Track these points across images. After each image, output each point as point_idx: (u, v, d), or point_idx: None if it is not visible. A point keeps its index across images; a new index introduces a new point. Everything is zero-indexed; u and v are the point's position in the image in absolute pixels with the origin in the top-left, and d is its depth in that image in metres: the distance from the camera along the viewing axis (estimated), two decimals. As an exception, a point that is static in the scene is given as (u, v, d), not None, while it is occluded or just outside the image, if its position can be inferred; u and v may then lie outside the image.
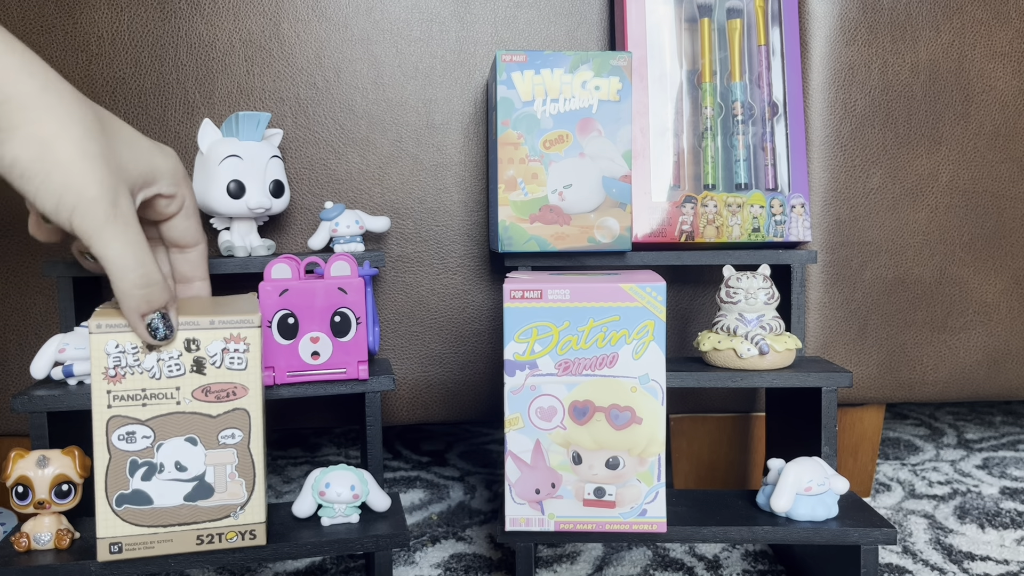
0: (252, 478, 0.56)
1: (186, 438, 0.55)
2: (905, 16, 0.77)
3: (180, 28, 0.74)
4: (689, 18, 0.74)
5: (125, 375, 0.53)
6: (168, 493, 0.55)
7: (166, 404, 0.54)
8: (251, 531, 0.57)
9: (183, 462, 0.55)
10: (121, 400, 0.54)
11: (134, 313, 0.51)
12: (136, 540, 0.54)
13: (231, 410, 0.55)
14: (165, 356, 0.54)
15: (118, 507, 0.54)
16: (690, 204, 0.72)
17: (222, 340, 0.55)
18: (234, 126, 0.68)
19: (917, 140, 0.79)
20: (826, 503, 0.63)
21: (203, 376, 0.54)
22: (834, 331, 0.80)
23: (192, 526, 0.55)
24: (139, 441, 0.54)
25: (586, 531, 0.60)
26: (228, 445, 0.55)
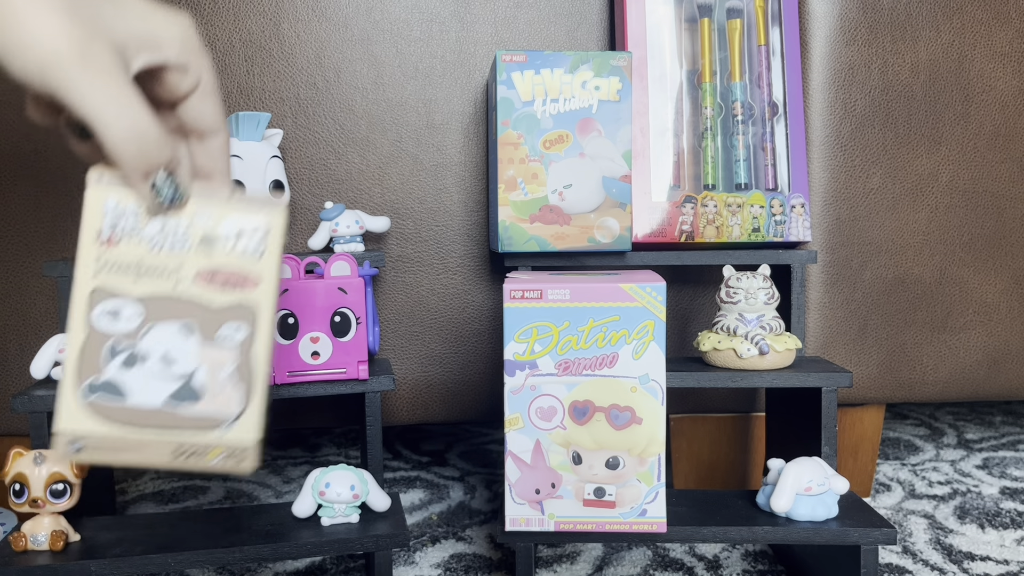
0: (250, 388, 0.46)
1: (181, 325, 0.45)
2: (905, 16, 0.77)
3: (180, 28, 0.74)
4: (689, 18, 0.74)
5: (121, 241, 0.45)
6: (148, 389, 0.45)
7: (163, 283, 0.45)
8: (239, 452, 0.46)
9: (172, 354, 0.45)
10: (111, 270, 0.45)
11: (133, 172, 0.44)
12: (101, 441, 0.44)
13: (238, 302, 0.46)
14: (170, 225, 0.45)
15: (86, 397, 0.44)
16: (690, 204, 0.72)
17: (238, 220, 0.46)
18: (234, 126, 0.68)
19: (917, 140, 0.79)
20: (826, 503, 0.63)
21: (211, 257, 0.46)
22: (834, 331, 0.80)
23: (171, 432, 0.45)
24: (123, 321, 0.45)
25: (586, 531, 0.60)
26: (228, 343, 0.46)
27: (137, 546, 0.58)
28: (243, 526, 0.62)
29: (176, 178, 0.45)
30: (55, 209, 0.74)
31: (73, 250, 0.75)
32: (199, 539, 0.60)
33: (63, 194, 0.74)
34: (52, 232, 0.75)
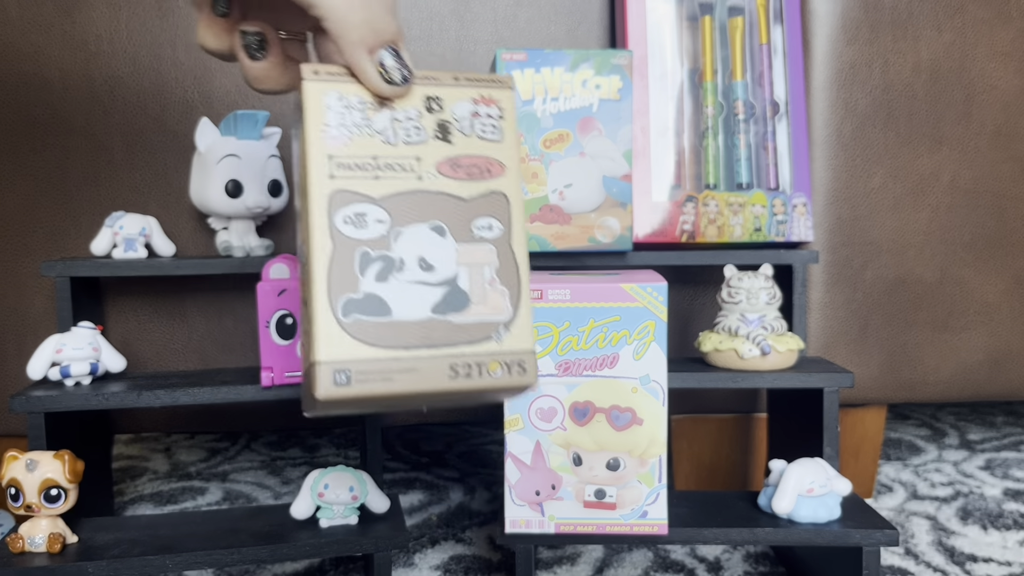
0: (517, 287, 0.41)
1: (432, 226, 0.40)
2: (907, 15, 0.77)
3: (178, 27, 0.73)
4: (690, 16, 0.73)
5: (352, 137, 0.40)
6: (411, 300, 0.39)
7: (405, 179, 0.40)
8: (519, 362, 0.40)
9: (429, 259, 0.40)
10: (347, 170, 0.39)
11: (358, 48, 0.38)
12: (371, 367, 0.38)
13: (487, 193, 0.41)
14: (401, 115, 0.40)
15: (345, 317, 0.38)
16: (691, 203, 0.71)
17: (470, 101, 0.41)
18: (232, 125, 0.68)
19: (919, 139, 0.78)
20: (828, 504, 0.63)
21: (450, 145, 0.41)
22: (836, 331, 0.80)
23: (444, 349, 0.39)
24: (371, 226, 0.39)
25: (586, 533, 0.60)
26: (485, 239, 0.41)
27: (135, 547, 0.58)
28: (241, 527, 0.62)
29: (402, 56, 0.39)
30: (53, 208, 0.74)
31: (71, 250, 0.75)
32: (197, 540, 0.59)
33: (61, 193, 0.74)
34: (50, 232, 0.74)
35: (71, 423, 0.68)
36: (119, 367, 0.67)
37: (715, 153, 0.72)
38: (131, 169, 0.74)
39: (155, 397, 0.64)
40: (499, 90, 0.42)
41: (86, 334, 0.65)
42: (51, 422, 0.64)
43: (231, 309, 0.77)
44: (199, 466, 1.01)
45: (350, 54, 0.39)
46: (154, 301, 0.76)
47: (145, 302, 0.76)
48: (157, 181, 0.75)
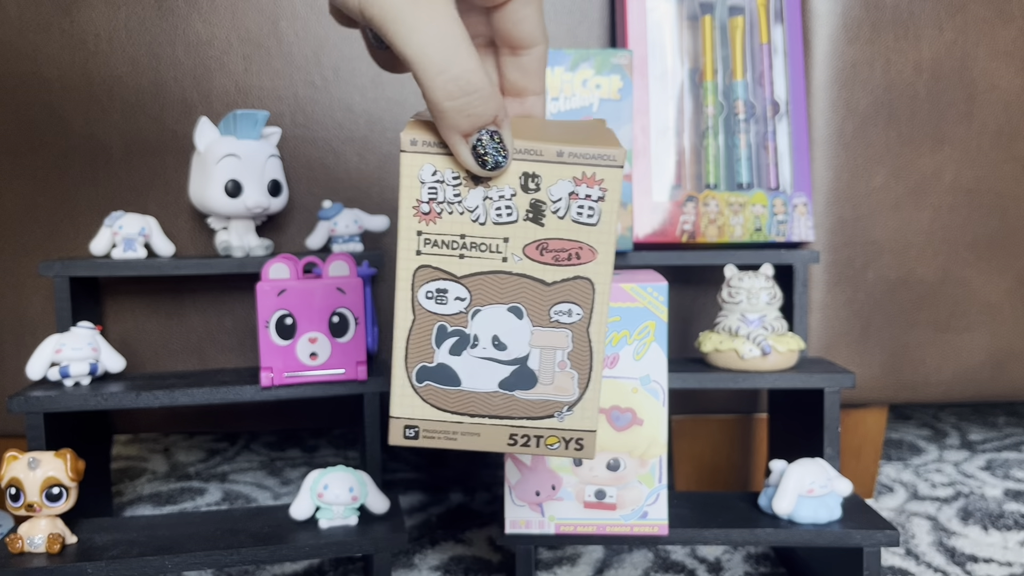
0: (587, 372, 0.42)
1: (509, 307, 0.41)
2: (908, 14, 0.77)
3: (177, 26, 0.73)
4: (690, 16, 0.73)
5: (442, 214, 0.40)
6: (480, 374, 0.42)
7: (490, 260, 0.40)
8: (578, 439, 0.43)
9: (503, 338, 0.42)
10: (434, 246, 0.40)
11: (452, 131, 0.38)
12: (437, 426, 0.42)
13: (572, 278, 0.41)
14: (494, 194, 0.40)
15: (419, 383, 0.42)
16: (692, 203, 0.71)
17: (570, 180, 0.40)
18: (232, 125, 0.68)
19: (920, 139, 0.78)
20: (828, 505, 0.62)
21: (540, 227, 0.40)
22: (837, 332, 0.79)
23: (505, 421, 0.42)
24: (451, 303, 0.41)
25: (587, 534, 0.60)
26: (562, 324, 0.41)
27: (134, 548, 0.58)
28: (240, 528, 0.62)
29: (501, 137, 0.38)
30: (51, 208, 0.74)
31: (70, 250, 0.74)
32: (196, 541, 0.59)
33: (60, 193, 0.74)
34: (48, 231, 0.74)
35: (70, 423, 0.68)
36: (118, 367, 0.67)
37: (715, 153, 0.72)
38: (130, 169, 0.74)
39: (154, 397, 0.64)
40: (606, 169, 0.39)
41: (85, 334, 0.65)
42: (50, 422, 0.63)
43: (230, 309, 0.77)
44: (198, 467, 1.01)
45: (445, 135, 0.38)
46: (153, 301, 0.76)
47: (144, 302, 0.76)
48: (156, 181, 0.75)
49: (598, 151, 0.39)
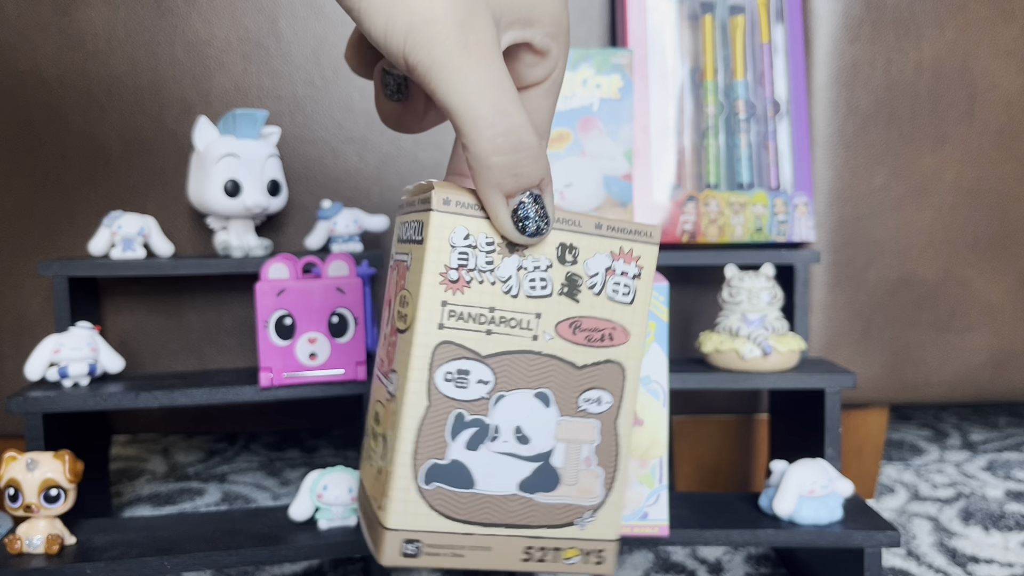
0: (613, 470, 0.37)
1: (536, 393, 0.36)
2: (909, 14, 0.77)
3: (176, 25, 0.73)
4: (691, 15, 0.73)
5: (471, 283, 0.35)
6: (499, 473, 0.35)
7: (520, 337, 0.35)
8: (599, 551, 0.37)
9: (526, 429, 0.36)
10: (459, 320, 0.35)
11: (494, 190, 0.34)
12: (443, 539, 0.35)
13: (603, 361, 0.36)
14: (529, 264, 0.35)
15: (426, 485, 0.35)
16: (692, 203, 0.71)
17: (608, 255, 0.36)
18: (231, 124, 0.67)
19: (921, 139, 0.78)
20: (829, 506, 0.62)
21: (575, 303, 0.36)
22: (838, 332, 0.79)
23: (522, 531, 0.36)
24: (472, 387, 0.35)
25: (587, 534, 0.60)
26: (590, 414, 0.36)
27: (133, 549, 0.58)
28: (240, 529, 0.61)
29: (544, 203, 0.34)
30: (50, 208, 0.74)
31: (68, 250, 0.74)
32: (195, 542, 0.59)
33: (58, 192, 0.74)
34: (47, 231, 0.74)
35: (69, 424, 0.68)
36: (117, 367, 0.67)
37: (716, 152, 0.72)
38: (129, 168, 0.74)
39: (153, 398, 0.64)
40: (643, 245, 0.36)
41: (84, 334, 0.65)
42: (49, 423, 0.63)
43: (229, 309, 0.77)
44: (197, 467, 1.00)
45: (485, 194, 0.34)
46: (152, 301, 0.76)
47: (143, 302, 0.76)
48: (155, 181, 0.74)
49: (636, 226, 0.36)
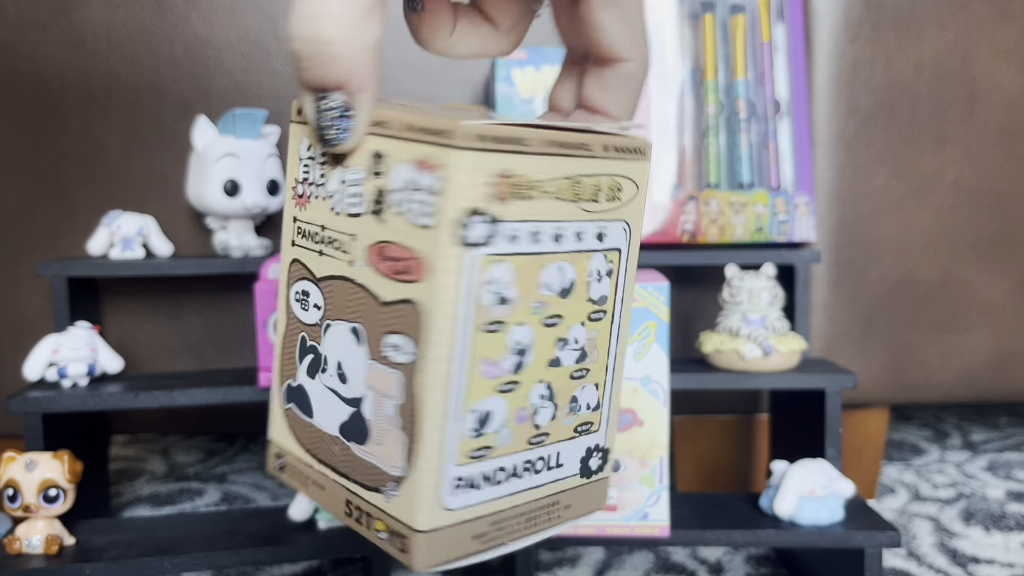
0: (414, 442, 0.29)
1: (351, 327, 0.31)
2: (909, 13, 0.77)
3: (176, 25, 0.73)
4: (691, 14, 0.73)
5: (311, 198, 0.32)
6: (327, 409, 0.32)
7: (340, 260, 0.31)
8: (401, 537, 0.30)
9: (345, 367, 0.31)
10: (303, 237, 0.32)
11: (301, 84, 0.31)
12: (297, 464, 0.34)
13: (402, 300, 0.29)
14: (349, 175, 0.30)
15: (286, 404, 0.34)
16: (693, 203, 0.71)
17: (412, 164, 0.28)
18: (231, 124, 0.67)
19: (922, 138, 0.78)
20: (830, 506, 0.62)
21: (381, 224, 0.29)
22: (838, 332, 0.79)
23: (343, 480, 0.32)
24: (311, 310, 0.32)
25: (587, 535, 0.60)
26: (391, 363, 0.29)
27: (132, 549, 0.58)
28: (239, 529, 0.61)
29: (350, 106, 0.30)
30: (49, 207, 0.74)
31: (68, 249, 0.74)
32: (195, 542, 0.59)
33: (58, 193, 0.74)
34: (47, 231, 0.74)
35: (68, 424, 0.68)
36: (116, 368, 0.67)
37: (716, 152, 0.72)
38: (128, 168, 0.74)
39: (152, 398, 0.63)
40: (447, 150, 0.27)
41: (83, 334, 0.65)
42: (48, 423, 0.63)
43: (229, 309, 0.76)
44: (196, 467, 1.00)
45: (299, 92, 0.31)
46: (151, 301, 0.76)
47: (142, 302, 0.76)
48: (155, 180, 0.74)
49: (442, 126, 0.27)
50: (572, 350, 0.32)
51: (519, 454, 0.31)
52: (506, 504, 0.31)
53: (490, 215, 0.28)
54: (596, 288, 0.32)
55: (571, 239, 0.30)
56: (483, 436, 0.30)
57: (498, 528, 0.31)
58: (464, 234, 0.27)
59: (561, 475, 0.33)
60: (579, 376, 0.32)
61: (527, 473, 0.32)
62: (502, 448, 0.30)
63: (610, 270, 0.32)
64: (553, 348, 0.31)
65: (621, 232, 0.32)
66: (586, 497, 0.34)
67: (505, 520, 0.31)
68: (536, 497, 0.32)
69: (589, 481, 0.34)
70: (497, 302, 0.29)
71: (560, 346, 0.31)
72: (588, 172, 0.30)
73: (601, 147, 0.31)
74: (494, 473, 0.30)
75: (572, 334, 0.31)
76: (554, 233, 0.30)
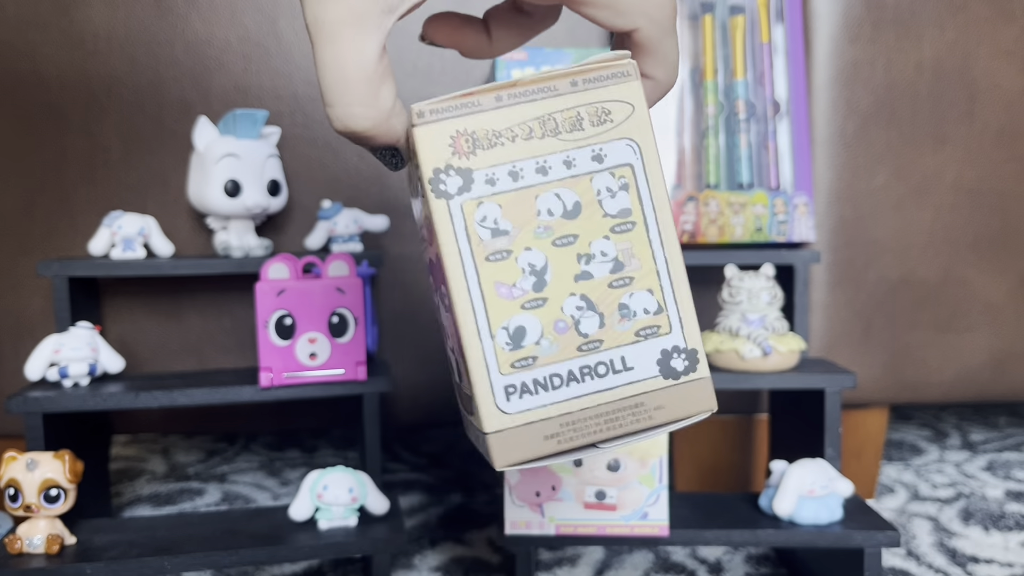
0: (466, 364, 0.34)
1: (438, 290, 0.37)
2: (909, 13, 0.77)
3: (176, 25, 0.73)
4: (691, 15, 0.73)
5: None
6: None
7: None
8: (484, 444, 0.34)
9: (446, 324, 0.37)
10: None
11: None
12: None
13: (436, 256, 0.34)
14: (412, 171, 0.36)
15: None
16: (692, 203, 0.71)
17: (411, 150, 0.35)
18: (231, 124, 0.67)
19: (922, 139, 0.78)
20: (829, 506, 0.62)
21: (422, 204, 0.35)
22: (838, 332, 0.79)
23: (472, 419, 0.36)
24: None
25: (587, 534, 0.60)
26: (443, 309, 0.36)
27: (133, 549, 0.58)
28: (239, 529, 0.61)
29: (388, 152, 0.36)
30: (50, 208, 0.74)
31: (68, 250, 0.74)
32: (195, 542, 0.59)
33: (58, 193, 0.74)
34: (47, 231, 0.74)
35: (69, 424, 0.68)
36: (117, 368, 0.67)
37: (716, 152, 0.72)
38: (129, 168, 0.74)
39: (153, 398, 0.64)
40: (412, 131, 0.33)
41: (84, 334, 0.65)
42: (49, 423, 0.63)
43: (229, 309, 0.77)
44: (197, 467, 1.00)
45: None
46: (152, 301, 0.76)
47: (143, 302, 0.76)
48: (155, 181, 0.74)
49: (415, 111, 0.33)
50: (602, 262, 0.34)
51: (572, 361, 0.33)
52: (574, 407, 0.33)
53: (459, 168, 0.32)
54: (611, 204, 0.34)
55: (559, 168, 0.33)
56: (523, 348, 0.33)
57: (573, 428, 0.33)
58: (441, 188, 0.32)
59: (635, 377, 0.34)
60: (621, 284, 0.34)
61: (588, 378, 0.33)
62: (549, 357, 0.33)
63: (624, 184, 0.34)
64: (576, 264, 0.33)
65: (626, 148, 0.34)
66: (682, 398, 0.35)
67: (579, 421, 0.33)
68: (611, 399, 0.34)
69: (679, 382, 0.34)
70: (493, 235, 0.32)
71: (584, 261, 0.33)
72: (559, 108, 0.33)
73: (569, 84, 0.33)
74: (548, 379, 0.33)
75: (596, 248, 0.33)
76: (536, 167, 0.33)
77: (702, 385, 0.35)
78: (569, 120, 0.33)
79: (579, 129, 0.33)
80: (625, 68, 0.34)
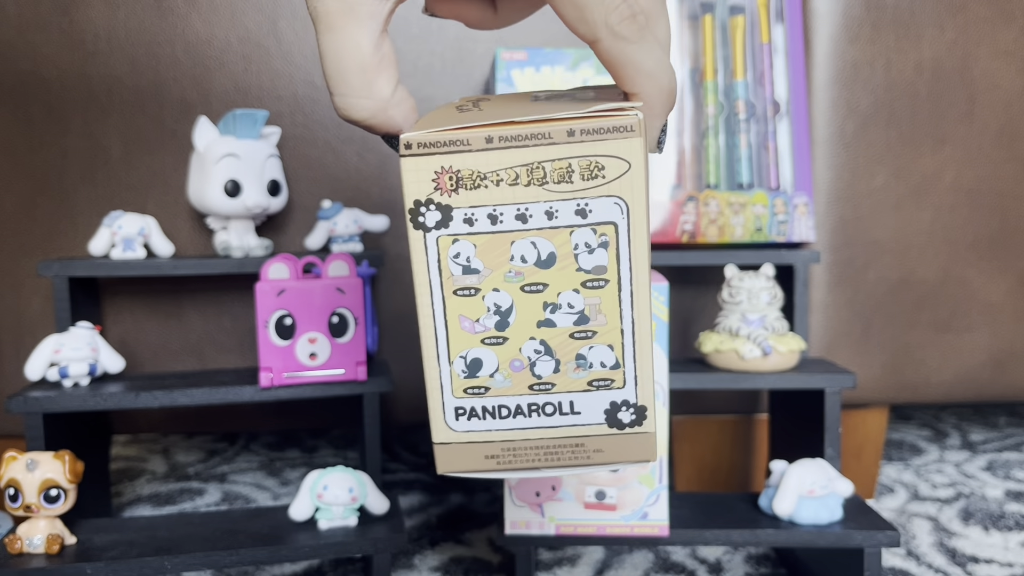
0: (425, 380, 0.37)
1: None
2: (909, 14, 0.77)
3: (176, 26, 0.73)
4: (691, 15, 0.73)
5: None
6: None
7: None
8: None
9: None
10: None
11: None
12: None
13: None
14: None
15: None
16: (692, 203, 0.71)
17: None
18: (231, 124, 0.68)
19: (921, 139, 0.78)
20: (829, 506, 0.62)
21: None
22: (838, 332, 0.79)
23: None
24: None
25: (587, 534, 0.60)
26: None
27: (133, 549, 0.58)
28: (240, 529, 0.61)
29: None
30: (50, 208, 0.74)
31: (69, 250, 0.74)
32: (195, 542, 0.59)
33: (59, 193, 0.74)
34: (47, 231, 0.74)
35: (69, 424, 0.68)
36: (117, 368, 0.67)
37: (716, 153, 0.72)
38: (129, 169, 0.74)
39: (153, 398, 0.64)
40: (401, 161, 0.34)
41: (84, 334, 0.65)
42: (49, 423, 0.63)
43: (229, 309, 0.77)
44: (197, 467, 1.00)
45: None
46: (152, 301, 0.76)
47: (143, 302, 0.76)
48: (155, 181, 0.74)
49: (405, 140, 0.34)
50: (567, 313, 0.34)
51: (522, 396, 0.35)
52: (517, 436, 0.36)
53: (439, 204, 0.33)
54: (587, 259, 0.34)
55: (540, 217, 0.33)
56: (477, 378, 0.35)
57: (513, 454, 0.36)
58: (419, 220, 0.33)
59: (581, 421, 0.36)
60: (582, 336, 0.35)
61: (535, 414, 0.36)
62: (501, 390, 0.35)
63: (604, 242, 0.34)
64: (541, 311, 0.34)
65: (613, 207, 0.33)
66: (623, 447, 0.36)
67: (520, 449, 0.36)
68: (553, 436, 0.36)
69: (623, 433, 0.36)
70: (464, 272, 0.34)
71: (550, 309, 0.34)
72: (550, 157, 0.32)
73: (565, 133, 0.32)
74: (496, 408, 0.35)
75: (564, 299, 0.34)
76: (517, 213, 0.33)
77: (646, 439, 0.36)
78: (558, 171, 0.33)
79: (567, 182, 0.33)
80: (629, 123, 0.32)
